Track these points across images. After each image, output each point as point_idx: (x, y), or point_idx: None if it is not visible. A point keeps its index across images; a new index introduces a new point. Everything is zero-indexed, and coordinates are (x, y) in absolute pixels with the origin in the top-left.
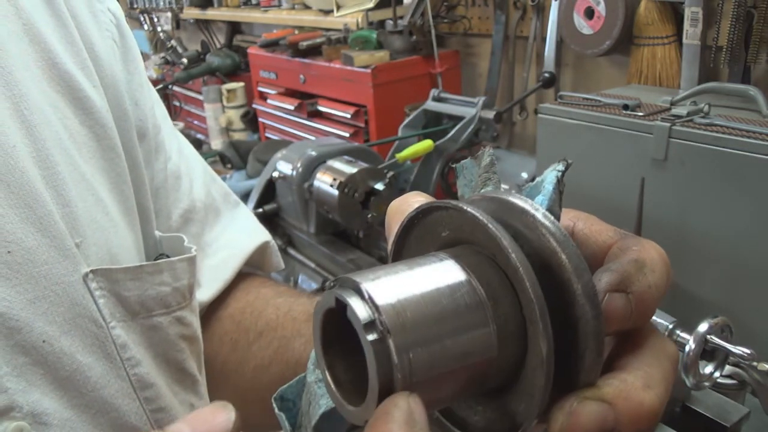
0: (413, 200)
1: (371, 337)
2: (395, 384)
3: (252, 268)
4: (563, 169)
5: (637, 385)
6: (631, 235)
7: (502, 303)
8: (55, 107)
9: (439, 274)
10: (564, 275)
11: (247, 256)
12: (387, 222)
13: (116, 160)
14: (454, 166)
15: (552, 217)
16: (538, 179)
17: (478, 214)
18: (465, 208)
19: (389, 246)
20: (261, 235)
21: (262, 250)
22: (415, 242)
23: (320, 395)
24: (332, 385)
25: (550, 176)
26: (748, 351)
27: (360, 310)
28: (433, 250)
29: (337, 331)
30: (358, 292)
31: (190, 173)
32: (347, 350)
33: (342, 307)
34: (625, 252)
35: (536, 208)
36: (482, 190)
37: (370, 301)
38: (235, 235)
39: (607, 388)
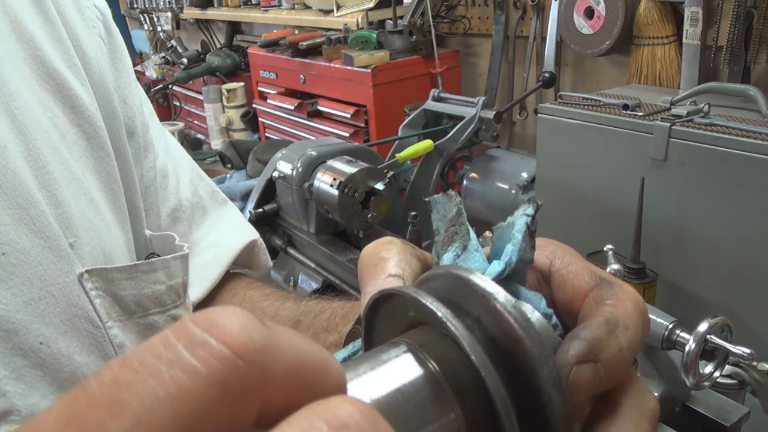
0: (384, 250)
1: None
2: None
3: (240, 267)
4: (533, 212)
5: None
6: (607, 280)
7: (469, 395)
8: (44, 106)
9: (402, 372)
10: (528, 363)
11: (235, 255)
12: (360, 273)
13: (106, 158)
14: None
15: (513, 301)
16: (509, 219)
17: (436, 310)
18: (423, 301)
19: (362, 302)
20: (249, 233)
21: (250, 248)
22: (385, 317)
23: None
24: None
25: (519, 223)
26: (748, 351)
27: None
28: (402, 328)
29: None
30: None
31: (176, 172)
32: None
33: None
34: (599, 306)
35: (497, 290)
36: (448, 251)
37: None
38: (223, 233)
39: None
